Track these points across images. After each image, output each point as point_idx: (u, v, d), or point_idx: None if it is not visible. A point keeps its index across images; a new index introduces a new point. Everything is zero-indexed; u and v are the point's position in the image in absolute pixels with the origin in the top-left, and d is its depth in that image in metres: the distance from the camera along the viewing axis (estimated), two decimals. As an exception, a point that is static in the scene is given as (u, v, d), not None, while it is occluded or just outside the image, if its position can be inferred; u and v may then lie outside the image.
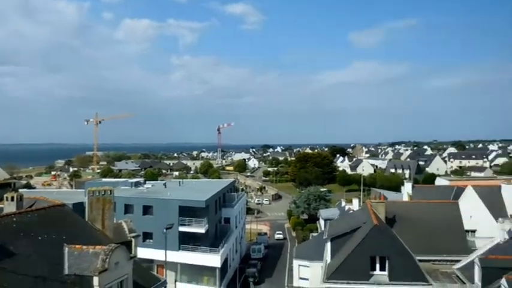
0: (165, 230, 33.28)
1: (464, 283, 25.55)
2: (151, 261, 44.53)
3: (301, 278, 43.18)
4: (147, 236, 45.69)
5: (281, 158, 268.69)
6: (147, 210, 47.10)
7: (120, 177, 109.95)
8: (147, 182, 66.41)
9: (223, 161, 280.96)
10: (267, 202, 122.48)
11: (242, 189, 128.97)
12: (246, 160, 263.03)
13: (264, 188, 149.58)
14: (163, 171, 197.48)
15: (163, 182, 70.52)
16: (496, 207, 42.30)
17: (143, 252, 41.01)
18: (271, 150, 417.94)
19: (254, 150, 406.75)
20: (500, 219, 28.52)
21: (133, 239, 23.04)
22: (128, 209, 47.06)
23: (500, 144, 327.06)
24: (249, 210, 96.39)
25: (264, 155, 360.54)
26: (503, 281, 20.67)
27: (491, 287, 22.89)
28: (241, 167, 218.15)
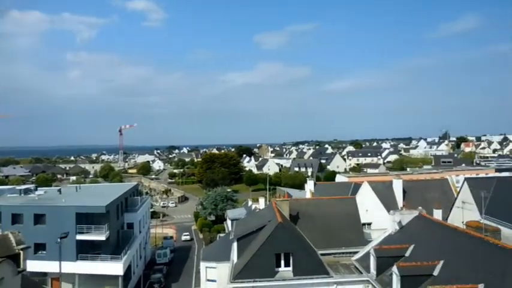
0: (59, 240, 30.90)
1: (362, 273, 27.47)
2: (44, 274, 41.14)
3: (208, 280, 42.86)
4: (39, 247, 42.12)
5: (187, 159, 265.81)
6: (39, 219, 43.36)
7: (6, 184, 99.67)
8: (38, 188, 61.07)
9: (126, 164, 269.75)
10: (173, 205, 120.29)
11: (146, 193, 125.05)
12: (151, 162, 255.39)
13: (170, 190, 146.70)
14: (58, 176, 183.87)
15: (58, 187, 65.44)
16: (388, 201, 46.29)
17: (35, 265, 37.77)
18: (177, 151, 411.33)
19: (159, 151, 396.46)
20: (391, 211, 31.17)
21: (21, 252, 20.94)
22: (16, 219, 42.87)
23: (392, 143, 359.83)
24: (154, 214, 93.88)
25: (170, 156, 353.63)
26: (394, 268, 22.62)
27: (385, 274, 24.95)
28: (146, 169, 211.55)
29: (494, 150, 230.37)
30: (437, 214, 31.96)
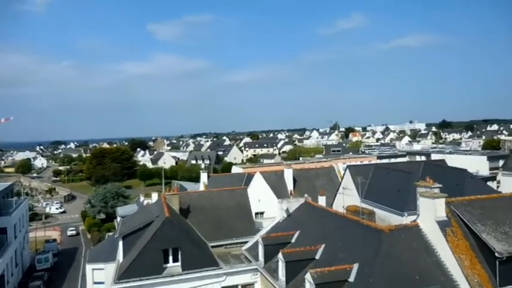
0: None
1: (251, 261, 28.24)
2: None
3: (95, 283, 40.67)
4: None
5: (75, 155, 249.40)
6: None
7: None
8: None
9: (2, 162, 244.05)
10: (58, 205, 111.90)
11: (27, 193, 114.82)
12: (32, 159, 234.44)
13: (54, 189, 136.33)
14: None
15: None
16: (280, 189, 48.24)
17: None
18: (63, 147, 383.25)
19: (42, 147, 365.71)
20: (279, 199, 32.50)
21: None
22: None
23: (287, 134, 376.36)
24: (36, 216, 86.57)
25: (55, 152, 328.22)
26: (279, 255, 23.60)
27: (272, 261, 25.92)
28: (26, 167, 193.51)
29: (378, 139, 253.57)
30: (322, 200, 34.03)
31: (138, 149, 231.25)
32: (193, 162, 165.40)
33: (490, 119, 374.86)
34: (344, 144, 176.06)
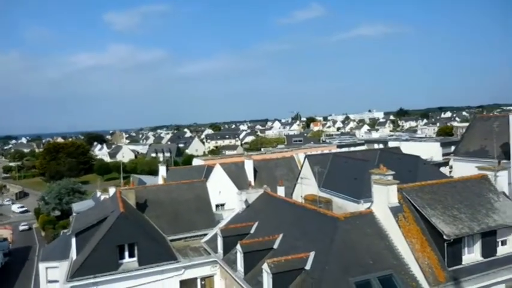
0: None
1: (210, 254, 28.28)
2: None
3: (49, 281, 39.60)
4: None
5: (27, 151, 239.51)
6: None
7: None
8: None
9: None
10: (9, 202, 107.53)
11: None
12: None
13: (5, 186, 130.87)
14: None
15: None
16: (241, 181, 48.37)
17: None
18: (14, 141, 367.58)
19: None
20: (238, 191, 32.61)
21: None
22: None
23: (249, 125, 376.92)
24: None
25: (5, 148, 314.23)
26: (238, 246, 23.76)
27: (231, 253, 26.05)
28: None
29: (338, 129, 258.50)
30: (281, 191, 34.44)
31: (95, 143, 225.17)
32: (153, 155, 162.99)
33: (445, 107, 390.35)
34: (305, 134, 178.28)
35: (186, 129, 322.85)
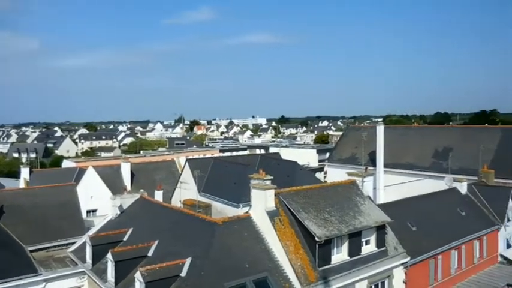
0: None
1: (77, 264, 26.35)
2: None
3: None
4: None
5: None
6: None
7: None
8: None
9: None
10: None
11: None
12: None
13: None
14: None
15: None
16: (116, 185, 46.12)
17: None
18: None
19: None
20: (111, 196, 31.00)
21: None
22: None
23: (129, 126, 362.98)
24: None
25: None
26: (108, 254, 22.47)
27: (102, 262, 24.57)
28: None
29: (222, 133, 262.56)
30: (159, 195, 33.68)
31: None
32: (16, 155, 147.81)
33: (322, 116, 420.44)
34: (188, 138, 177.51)
35: (56, 128, 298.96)
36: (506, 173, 40.72)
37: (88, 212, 41.82)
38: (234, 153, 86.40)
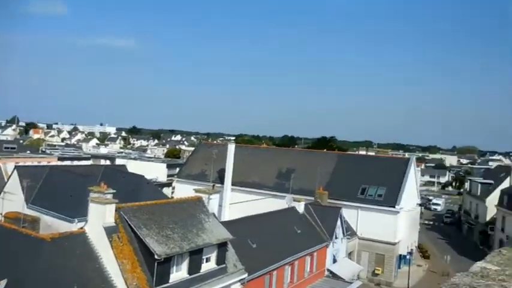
0: None
1: None
2: None
3: None
4: None
5: None
6: None
7: None
8: None
9: None
10: None
11: None
12: None
13: None
14: None
15: None
16: None
17: None
18: None
19: None
20: None
21: None
22: None
23: None
24: None
25: None
26: None
27: None
28: None
29: (63, 139, 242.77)
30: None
31: None
32: None
33: (176, 130, 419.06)
34: (22, 141, 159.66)
35: None
36: (338, 194, 45.64)
37: None
38: (75, 163, 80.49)
